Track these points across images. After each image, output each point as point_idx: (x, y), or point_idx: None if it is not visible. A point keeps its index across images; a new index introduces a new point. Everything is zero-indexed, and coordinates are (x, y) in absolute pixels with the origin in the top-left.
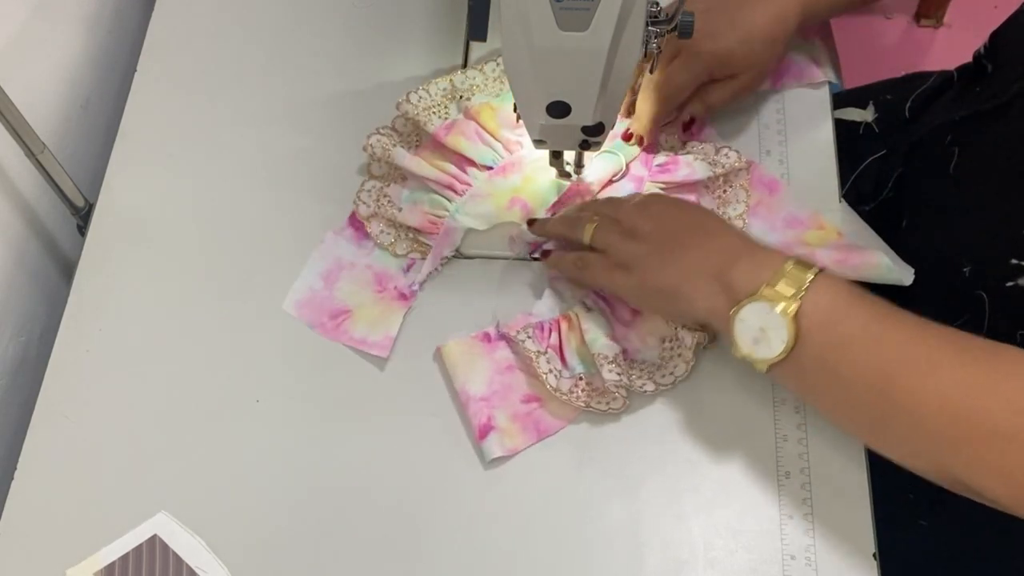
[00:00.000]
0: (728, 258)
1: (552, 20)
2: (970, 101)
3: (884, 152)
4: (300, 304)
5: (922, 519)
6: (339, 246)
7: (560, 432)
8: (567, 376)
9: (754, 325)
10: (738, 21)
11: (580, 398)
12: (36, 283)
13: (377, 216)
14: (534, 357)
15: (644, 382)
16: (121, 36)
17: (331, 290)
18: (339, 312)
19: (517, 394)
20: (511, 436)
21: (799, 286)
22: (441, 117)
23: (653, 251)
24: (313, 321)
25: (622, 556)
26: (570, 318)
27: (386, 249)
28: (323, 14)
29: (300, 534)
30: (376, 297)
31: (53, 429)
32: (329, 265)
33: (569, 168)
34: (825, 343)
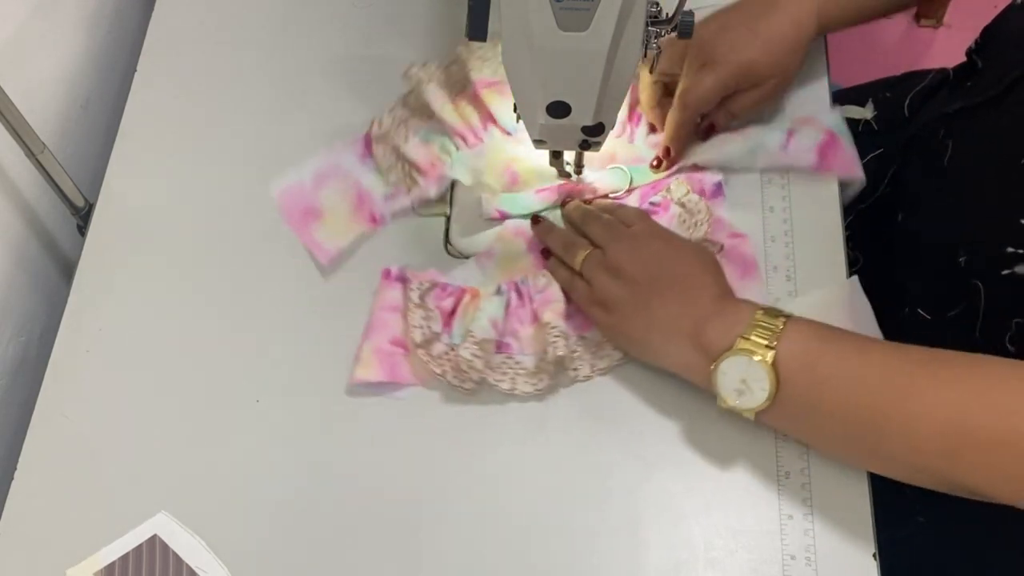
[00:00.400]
0: (700, 319)
1: (552, 20)
2: (962, 95)
3: (882, 150)
4: (284, 191)
5: (921, 517)
6: (343, 154)
7: (560, 432)
8: (444, 341)
9: (735, 378)
10: (759, 31)
11: (443, 366)
12: (36, 283)
13: (386, 139)
14: (410, 309)
15: (502, 379)
16: (121, 36)
17: (316, 190)
18: (312, 211)
19: (389, 333)
20: (365, 367)
21: (772, 334)
22: (492, 73)
23: (631, 298)
24: (287, 209)
25: (622, 556)
26: (477, 293)
27: (380, 173)
28: (322, 14)
29: (300, 534)
30: (351, 212)
31: (53, 429)
32: (325, 167)
33: (569, 168)
34: (807, 384)
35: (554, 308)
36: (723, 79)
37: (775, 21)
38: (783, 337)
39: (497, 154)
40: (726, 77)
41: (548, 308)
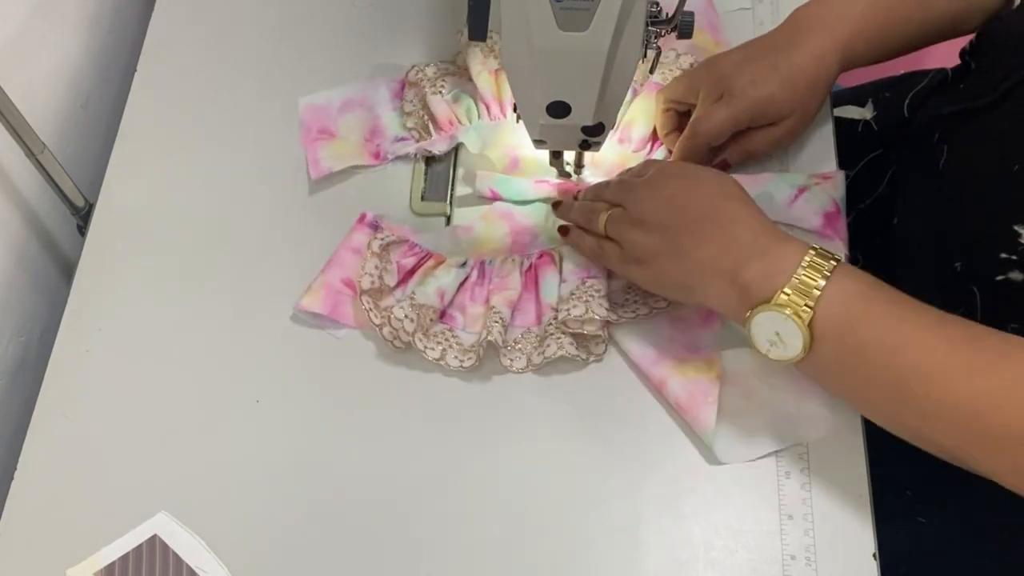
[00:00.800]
0: (740, 257)
1: (552, 20)
2: (956, 98)
3: (882, 150)
4: (311, 107)
5: (921, 517)
6: (378, 89)
7: (560, 431)
8: (395, 297)
9: (769, 329)
10: (780, 65)
11: (381, 318)
12: (36, 283)
13: (418, 86)
14: (369, 255)
15: (431, 347)
16: (121, 36)
17: (338, 114)
18: (326, 131)
19: (343, 272)
20: (312, 297)
21: (813, 292)
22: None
23: (665, 246)
24: (306, 122)
25: (622, 556)
26: (442, 260)
27: (403, 116)
28: (323, 14)
29: (300, 534)
30: (359, 141)
31: (53, 429)
32: (355, 96)
33: (569, 168)
34: (840, 348)
35: (505, 295)
36: (737, 112)
37: (797, 58)
38: (824, 296)
39: (507, 139)
40: (740, 111)
41: (500, 294)
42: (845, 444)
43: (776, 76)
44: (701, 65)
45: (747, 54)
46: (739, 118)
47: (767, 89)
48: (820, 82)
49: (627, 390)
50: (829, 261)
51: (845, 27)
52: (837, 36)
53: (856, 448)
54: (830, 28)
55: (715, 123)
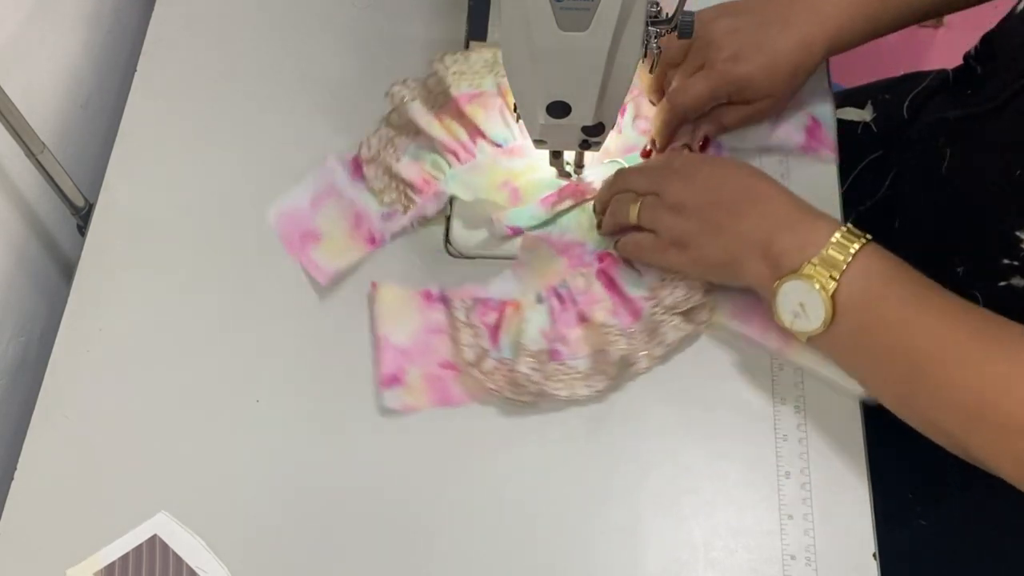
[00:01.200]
0: (773, 228)
1: (552, 20)
2: (962, 103)
3: (882, 152)
4: (282, 215)
5: (922, 519)
6: (336, 173)
7: (560, 431)
8: (493, 357)
9: (794, 300)
10: (764, 46)
11: (497, 381)
12: (36, 283)
13: (377, 161)
14: (460, 328)
15: (560, 387)
16: (121, 36)
17: (314, 213)
18: (310, 234)
19: (436, 357)
20: (415, 394)
21: (839, 265)
22: (471, 85)
23: (704, 226)
24: (285, 234)
25: (622, 556)
26: (518, 305)
27: (375, 194)
28: (323, 14)
29: (300, 534)
30: (349, 232)
31: (53, 429)
32: (320, 189)
33: (569, 168)
34: (860, 324)
35: (603, 307)
36: (715, 88)
37: (784, 42)
38: (850, 270)
39: (493, 172)
40: (718, 87)
41: (597, 308)
42: (845, 444)
43: (760, 57)
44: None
45: (737, 23)
46: (717, 93)
47: (747, 69)
48: (801, 71)
49: (627, 389)
50: (859, 239)
51: (837, 16)
52: (828, 25)
53: (856, 448)
54: (822, 16)
55: (691, 96)
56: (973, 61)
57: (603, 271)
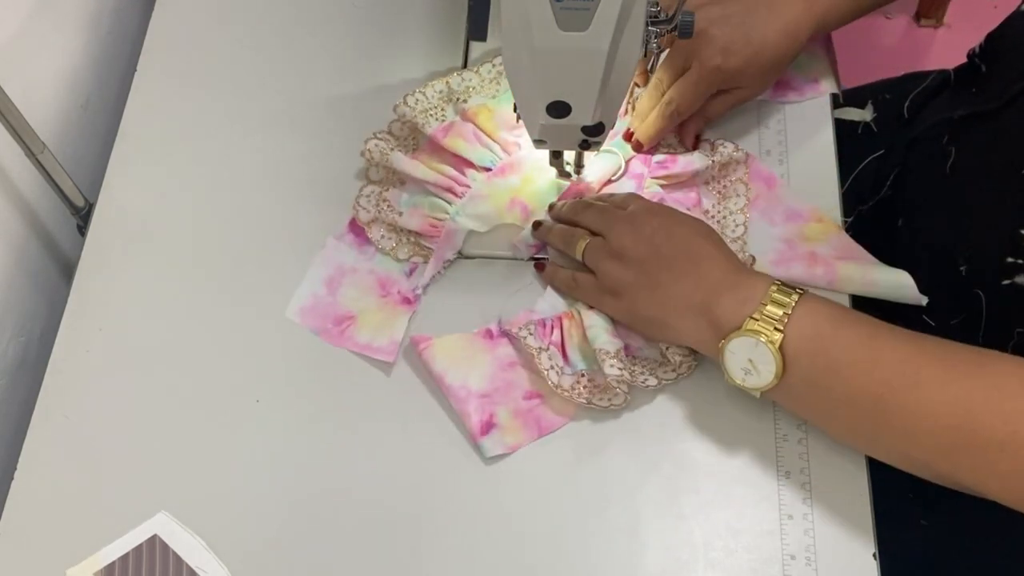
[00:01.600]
0: (711, 291)
1: (552, 20)
2: (967, 102)
3: (882, 152)
4: (304, 311)
5: (922, 519)
6: (340, 251)
7: (560, 432)
8: (568, 373)
9: (743, 357)
10: (752, 38)
11: (582, 395)
12: (36, 283)
13: (377, 221)
14: (536, 353)
15: (646, 377)
16: (121, 36)
17: (335, 296)
18: (343, 318)
19: (519, 391)
20: (512, 433)
21: (781, 316)
22: (438, 119)
23: (639, 279)
24: (317, 327)
25: (622, 556)
26: (572, 315)
27: (388, 254)
28: (323, 14)
29: (300, 534)
30: (380, 302)
31: (53, 429)
32: (331, 271)
33: (569, 168)
34: (813, 369)
35: None
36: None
37: (770, 30)
38: (793, 319)
39: (496, 196)
40: (711, 83)
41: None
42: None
43: (747, 49)
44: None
45: (725, 11)
46: (710, 90)
47: (735, 63)
48: (785, 59)
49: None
50: (795, 291)
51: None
52: (814, 10)
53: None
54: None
55: (685, 106)
56: (978, 60)
57: None
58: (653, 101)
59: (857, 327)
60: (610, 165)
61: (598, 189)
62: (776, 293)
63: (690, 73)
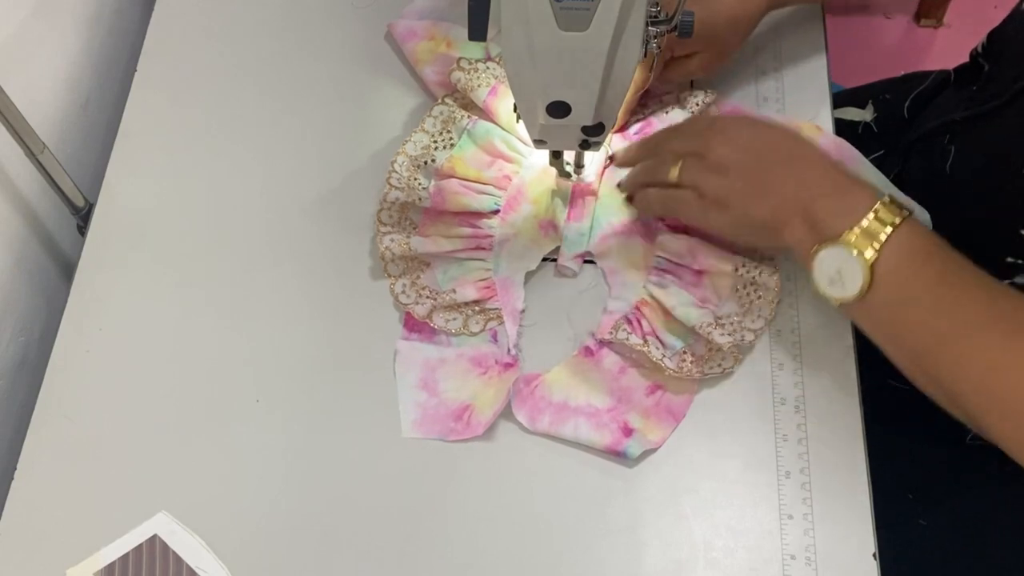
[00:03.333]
0: (816, 192)
1: (552, 20)
2: (968, 100)
3: (882, 152)
4: (418, 423)
5: (922, 519)
6: (417, 350)
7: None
8: (670, 355)
9: (832, 267)
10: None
11: (692, 371)
12: (36, 283)
13: (435, 310)
14: (645, 350)
15: (744, 334)
16: (121, 36)
17: (439, 395)
18: (462, 411)
19: (639, 391)
20: (651, 431)
21: (881, 235)
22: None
23: (747, 185)
24: (442, 432)
25: (622, 556)
26: (647, 302)
27: (461, 333)
28: (322, 15)
29: (300, 534)
30: (484, 380)
31: (53, 429)
32: (422, 373)
33: (569, 168)
34: (892, 298)
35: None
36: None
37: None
38: (891, 241)
39: (523, 230)
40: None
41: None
42: (845, 444)
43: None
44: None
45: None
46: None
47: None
48: (742, 20)
49: None
50: (900, 212)
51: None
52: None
53: (856, 448)
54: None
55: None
56: (981, 59)
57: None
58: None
59: (946, 264)
60: (601, 157)
61: (597, 185)
62: (882, 210)
63: None
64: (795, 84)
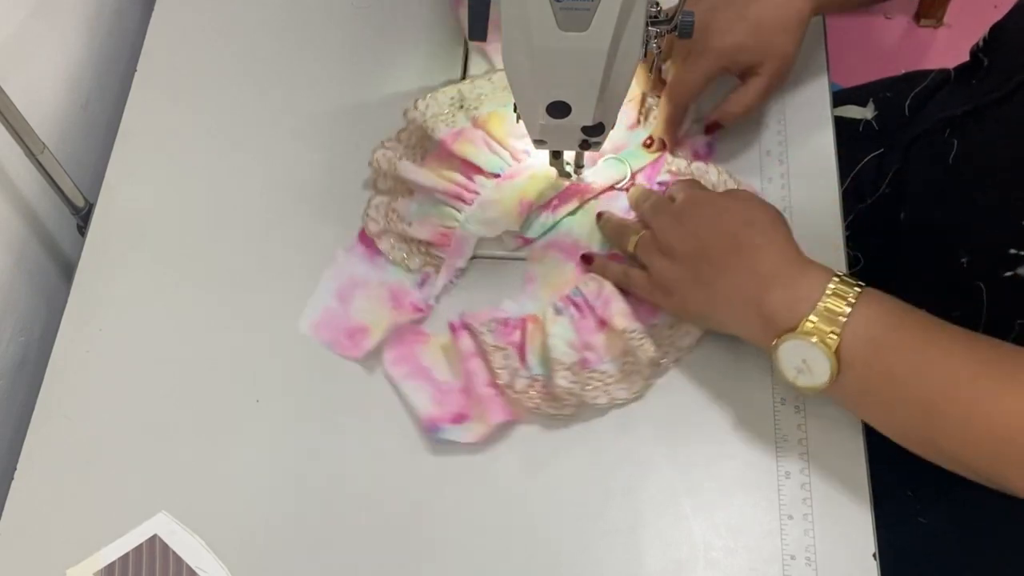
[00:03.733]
0: (763, 286)
1: (552, 20)
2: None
3: (883, 150)
4: (316, 324)
5: (922, 516)
6: (351, 264)
7: (559, 431)
8: (524, 375)
9: (796, 357)
10: (747, 14)
11: (533, 399)
12: (36, 283)
13: (388, 232)
14: (490, 352)
15: (598, 394)
16: (121, 36)
17: (347, 308)
18: (356, 330)
19: (481, 379)
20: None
21: (839, 318)
22: (448, 125)
23: (689, 275)
24: (331, 340)
25: (622, 556)
26: (537, 319)
27: (399, 265)
28: (322, 15)
29: (300, 534)
30: (392, 314)
31: (53, 429)
32: (343, 283)
33: (569, 168)
34: (868, 373)
35: (620, 310)
36: (707, 68)
37: (765, 3)
38: (851, 322)
39: (506, 199)
40: (710, 65)
41: (615, 313)
42: (845, 444)
43: (743, 24)
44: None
45: (714, 2)
46: (710, 73)
47: (733, 38)
48: (791, 24)
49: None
50: (853, 288)
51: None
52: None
53: (856, 448)
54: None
55: (687, 86)
56: (981, 54)
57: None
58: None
59: (913, 330)
60: (615, 174)
61: (598, 192)
62: (832, 292)
63: (688, 58)
64: (795, 84)
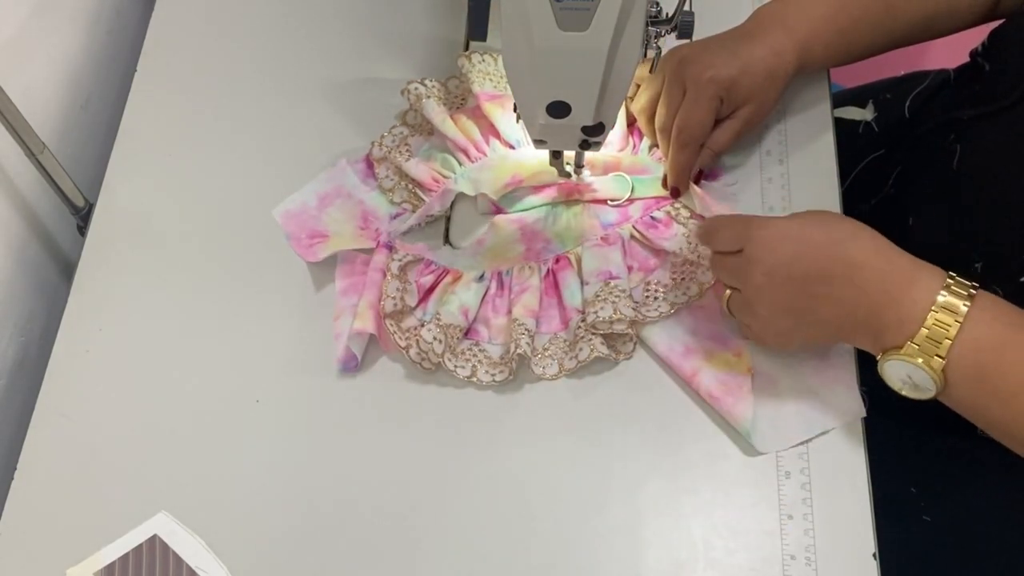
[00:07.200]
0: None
1: (552, 20)
2: (971, 101)
3: (883, 151)
4: (289, 214)
5: (924, 514)
6: (346, 175)
7: (559, 431)
8: (416, 317)
9: (902, 372)
10: (739, 53)
11: (407, 340)
12: (36, 283)
13: (387, 160)
14: (389, 277)
15: (461, 365)
16: (121, 36)
17: (320, 212)
18: (317, 234)
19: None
20: (362, 319)
21: (945, 340)
22: (495, 87)
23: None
24: (292, 234)
25: (622, 556)
26: (459, 276)
27: (385, 193)
28: (322, 14)
29: (300, 534)
30: (356, 232)
31: (53, 429)
32: (329, 189)
33: (569, 168)
34: (975, 392)
35: (526, 304)
36: (709, 101)
37: (756, 49)
38: (957, 343)
39: (501, 168)
40: (711, 98)
41: (519, 303)
42: (845, 444)
43: (736, 62)
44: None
45: (706, 44)
46: (712, 105)
47: (728, 72)
48: (778, 74)
49: (628, 390)
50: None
51: (804, 28)
52: (796, 36)
53: (856, 448)
54: (789, 27)
55: (696, 125)
56: (981, 58)
57: (553, 272)
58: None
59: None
60: (617, 190)
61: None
62: (941, 312)
63: (688, 93)
64: (795, 84)
